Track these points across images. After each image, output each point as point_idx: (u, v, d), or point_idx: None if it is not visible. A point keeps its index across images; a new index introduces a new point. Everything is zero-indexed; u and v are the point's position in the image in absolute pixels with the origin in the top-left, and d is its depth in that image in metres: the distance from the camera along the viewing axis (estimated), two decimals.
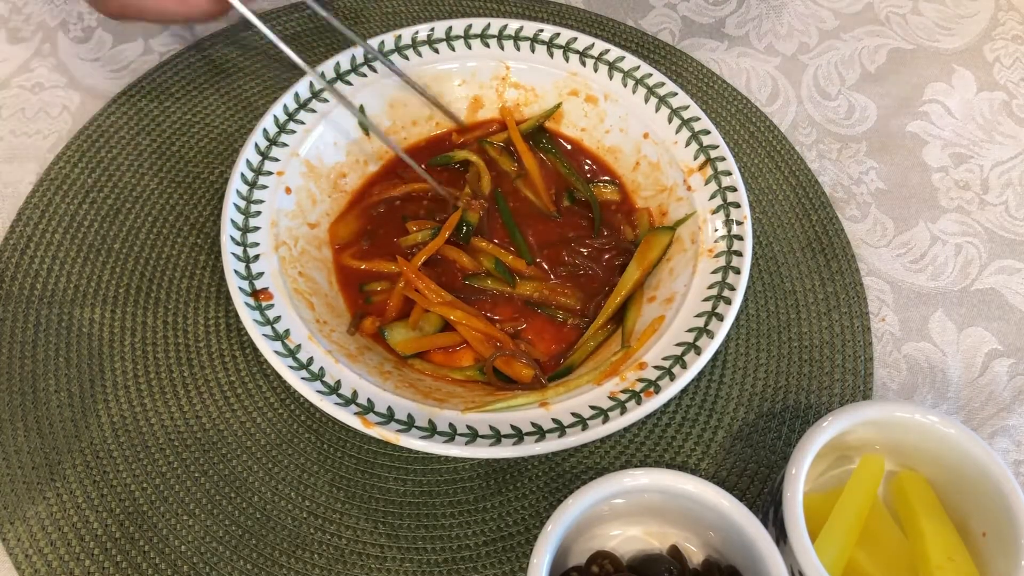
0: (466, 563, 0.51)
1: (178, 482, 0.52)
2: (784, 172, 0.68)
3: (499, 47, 0.64)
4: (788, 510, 0.43)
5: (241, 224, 0.54)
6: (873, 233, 0.66)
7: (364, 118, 0.61)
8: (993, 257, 0.65)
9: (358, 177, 0.63)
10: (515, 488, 0.53)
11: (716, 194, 0.58)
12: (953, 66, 0.76)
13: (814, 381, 0.58)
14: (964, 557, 0.45)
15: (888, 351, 0.60)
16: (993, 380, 0.59)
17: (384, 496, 0.52)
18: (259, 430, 0.54)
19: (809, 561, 0.41)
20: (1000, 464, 0.44)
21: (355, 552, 0.51)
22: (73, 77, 0.70)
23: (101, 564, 0.49)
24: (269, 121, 0.58)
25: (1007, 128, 0.72)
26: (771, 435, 0.56)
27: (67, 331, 0.57)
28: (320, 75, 0.60)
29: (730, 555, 0.45)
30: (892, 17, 0.79)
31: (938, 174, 0.69)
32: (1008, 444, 0.56)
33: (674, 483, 0.44)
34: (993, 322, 0.62)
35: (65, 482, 0.52)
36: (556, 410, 0.49)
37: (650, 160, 0.62)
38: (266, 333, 0.50)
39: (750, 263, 0.54)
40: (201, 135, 0.67)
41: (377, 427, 0.47)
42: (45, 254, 0.60)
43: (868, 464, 0.48)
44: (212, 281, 0.60)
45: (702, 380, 0.58)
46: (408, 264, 0.57)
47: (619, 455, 0.55)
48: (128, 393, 0.55)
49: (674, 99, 0.62)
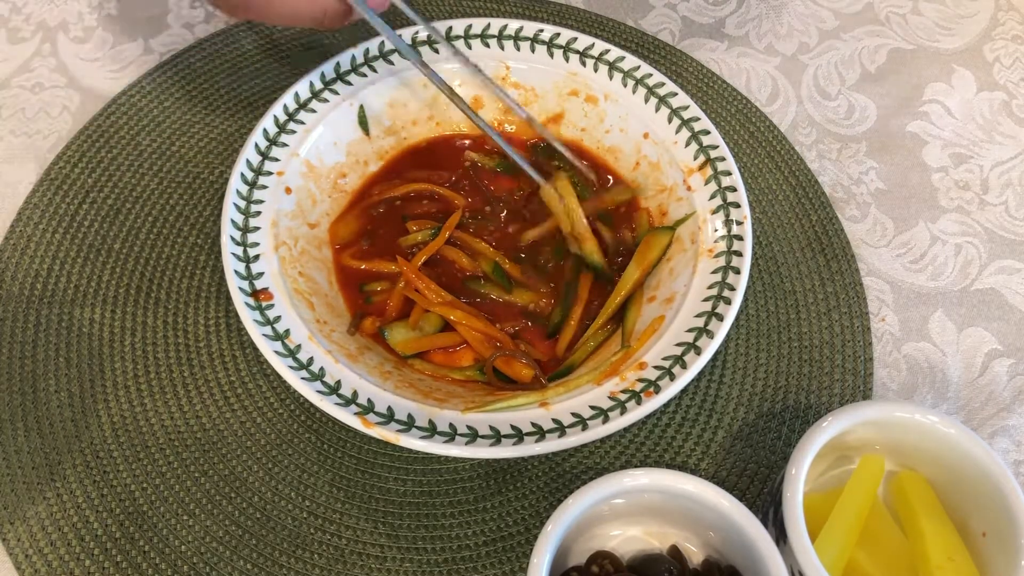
0: (466, 563, 0.51)
1: (178, 482, 0.52)
2: (784, 172, 0.68)
3: (499, 47, 0.64)
4: (788, 510, 0.43)
5: (241, 224, 0.54)
6: (873, 233, 0.66)
7: (452, 95, 0.58)
8: (993, 257, 0.65)
9: (358, 177, 0.63)
10: (515, 488, 0.53)
11: (716, 194, 0.58)
12: (953, 66, 0.76)
13: (814, 381, 0.58)
14: (964, 557, 0.45)
15: (888, 351, 0.60)
16: (993, 380, 0.59)
17: (384, 496, 0.52)
18: (259, 430, 0.54)
19: (809, 561, 0.41)
20: (1000, 464, 0.44)
21: (355, 552, 0.51)
22: (73, 77, 0.70)
23: (101, 564, 0.49)
24: (269, 121, 0.58)
25: (1007, 128, 0.72)
26: (771, 435, 0.56)
27: (67, 331, 0.57)
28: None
29: (730, 555, 0.45)
30: (892, 17, 0.79)
31: (938, 174, 0.69)
32: (1008, 444, 0.56)
33: (674, 483, 0.44)
34: (993, 322, 0.62)
35: (65, 482, 0.52)
36: (556, 410, 0.49)
37: (650, 160, 0.62)
38: (266, 333, 0.50)
39: (750, 263, 0.54)
40: (201, 135, 0.67)
41: (377, 427, 0.47)
42: (45, 254, 0.60)
43: (868, 464, 0.48)
44: (212, 281, 0.60)
45: (702, 380, 0.58)
46: (408, 264, 0.57)
47: (619, 455, 0.55)
48: (128, 393, 0.55)
49: (674, 99, 0.62)
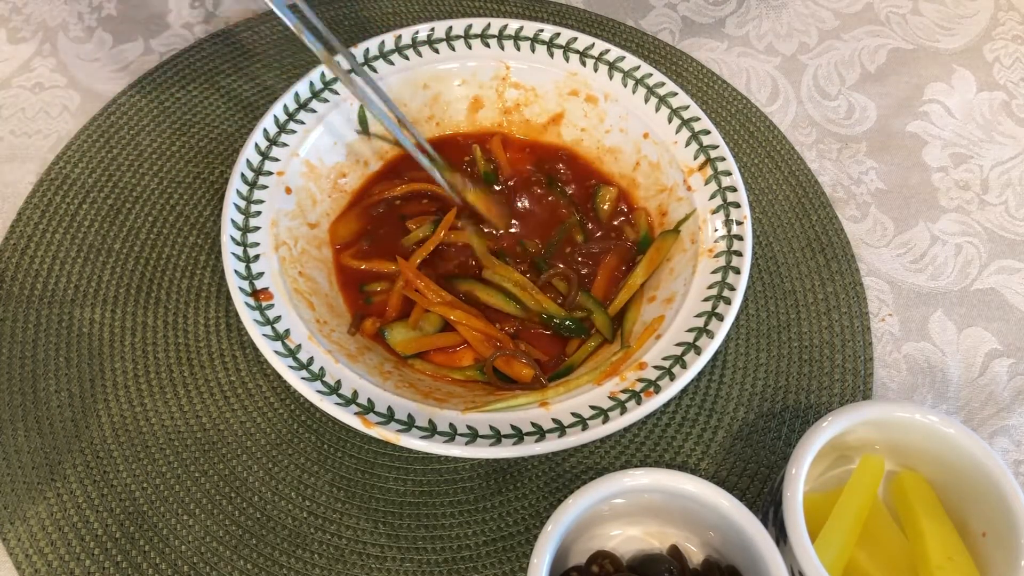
0: (466, 563, 0.51)
1: (178, 482, 0.52)
2: (784, 172, 0.68)
3: (499, 47, 0.64)
4: (788, 510, 0.43)
5: (241, 224, 0.54)
6: (873, 233, 0.66)
7: (384, 108, 0.59)
8: (993, 257, 0.65)
9: (358, 177, 0.63)
10: (515, 488, 0.53)
11: (716, 194, 0.58)
12: (953, 66, 0.76)
13: (814, 381, 0.58)
14: (964, 557, 0.45)
15: (888, 351, 0.60)
16: (993, 380, 0.59)
17: (384, 496, 0.52)
18: (259, 430, 0.54)
19: (809, 561, 0.41)
20: (1000, 464, 0.44)
21: (355, 552, 0.51)
22: (73, 77, 0.70)
23: (101, 564, 0.49)
24: (269, 121, 0.58)
25: (1007, 128, 0.72)
26: (771, 435, 0.56)
27: (67, 331, 0.57)
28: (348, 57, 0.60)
29: (730, 555, 0.45)
30: (892, 17, 0.79)
31: (938, 174, 0.69)
32: (1008, 444, 0.56)
33: (674, 483, 0.44)
34: (993, 322, 0.62)
35: (65, 482, 0.52)
36: (556, 410, 0.49)
37: (650, 160, 0.62)
38: (266, 333, 0.50)
39: (750, 263, 0.54)
40: (201, 135, 0.67)
41: (377, 427, 0.47)
42: (45, 254, 0.60)
43: (868, 464, 0.48)
44: (212, 281, 0.60)
45: (702, 380, 0.58)
46: (406, 263, 0.57)
47: (619, 455, 0.55)
48: (128, 393, 0.55)
49: (674, 99, 0.62)
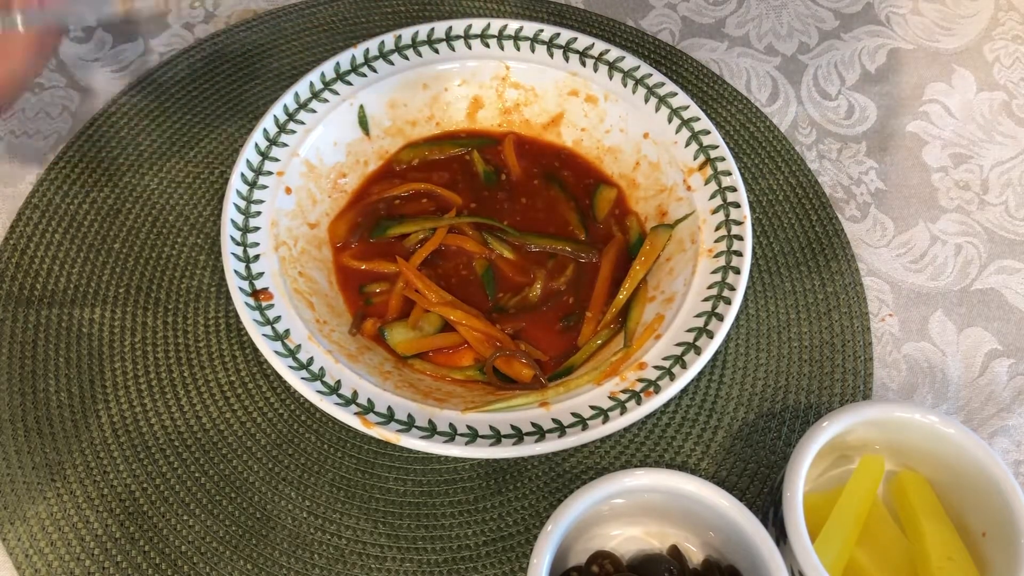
0: (466, 563, 0.51)
1: (178, 482, 0.52)
2: (784, 172, 0.68)
3: (499, 47, 0.64)
4: (788, 510, 0.43)
5: (241, 224, 0.54)
6: (873, 233, 0.66)
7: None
8: (993, 257, 0.65)
9: (358, 177, 0.63)
10: (515, 488, 0.53)
11: (716, 194, 0.58)
12: (953, 66, 0.76)
13: (814, 381, 0.58)
14: (964, 557, 0.45)
15: (888, 351, 0.60)
16: (993, 380, 0.59)
17: (384, 496, 0.52)
18: (259, 430, 0.54)
19: (809, 561, 0.41)
20: (1000, 464, 0.44)
21: (355, 552, 0.51)
22: (73, 77, 0.70)
23: (101, 564, 0.49)
24: (269, 121, 0.58)
25: (1007, 128, 0.72)
26: (771, 435, 0.56)
27: (67, 331, 0.57)
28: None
29: (730, 555, 0.45)
30: (892, 17, 0.79)
31: (938, 174, 0.69)
32: (1008, 444, 0.56)
33: (674, 483, 0.44)
34: (993, 322, 0.62)
35: (65, 482, 0.52)
36: (556, 410, 0.49)
37: (650, 160, 0.62)
38: (266, 333, 0.50)
39: (750, 263, 0.54)
40: (201, 135, 0.67)
41: (377, 427, 0.47)
42: (45, 254, 0.60)
43: (868, 464, 0.48)
44: (212, 281, 0.60)
45: (702, 380, 0.57)
46: (406, 264, 0.57)
47: (619, 455, 0.55)
48: (128, 393, 0.55)
49: (674, 99, 0.62)
